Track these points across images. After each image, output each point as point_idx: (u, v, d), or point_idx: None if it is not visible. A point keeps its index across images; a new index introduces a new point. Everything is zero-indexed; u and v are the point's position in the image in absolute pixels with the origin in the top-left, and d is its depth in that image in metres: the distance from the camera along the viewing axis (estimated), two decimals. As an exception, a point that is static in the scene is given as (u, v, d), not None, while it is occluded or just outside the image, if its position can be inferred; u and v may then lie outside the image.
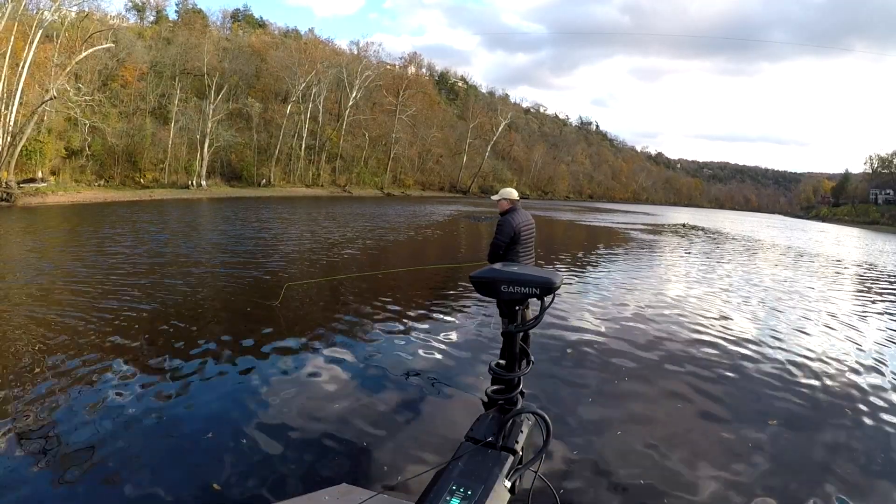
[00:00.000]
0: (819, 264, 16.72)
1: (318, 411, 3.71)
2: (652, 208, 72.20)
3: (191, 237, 14.16)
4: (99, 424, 3.35)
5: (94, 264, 8.87)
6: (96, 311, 5.94)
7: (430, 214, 27.61)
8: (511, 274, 1.73)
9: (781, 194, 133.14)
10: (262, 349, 4.97)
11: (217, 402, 3.80)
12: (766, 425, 3.87)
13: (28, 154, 25.92)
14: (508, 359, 1.88)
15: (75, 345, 4.77)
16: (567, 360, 5.07)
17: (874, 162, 75.47)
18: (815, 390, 4.71)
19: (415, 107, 57.60)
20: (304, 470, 2.98)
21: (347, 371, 4.52)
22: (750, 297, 9.31)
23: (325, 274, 9.14)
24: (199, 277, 8.32)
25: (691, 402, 4.29)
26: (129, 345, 4.89)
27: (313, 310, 6.68)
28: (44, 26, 25.39)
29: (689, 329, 6.53)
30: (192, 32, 42.84)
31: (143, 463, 2.95)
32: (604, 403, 4.14)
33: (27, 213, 19.23)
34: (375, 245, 13.76)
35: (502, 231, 4.32)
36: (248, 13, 63.09)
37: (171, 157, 35.29)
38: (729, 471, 3.19)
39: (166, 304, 6.52)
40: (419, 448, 3.28)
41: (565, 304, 7.40)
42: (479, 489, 1.27)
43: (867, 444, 3.69)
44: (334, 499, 1.31)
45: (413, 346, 5.29)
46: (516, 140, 79.15)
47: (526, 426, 1.64)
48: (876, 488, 3.13)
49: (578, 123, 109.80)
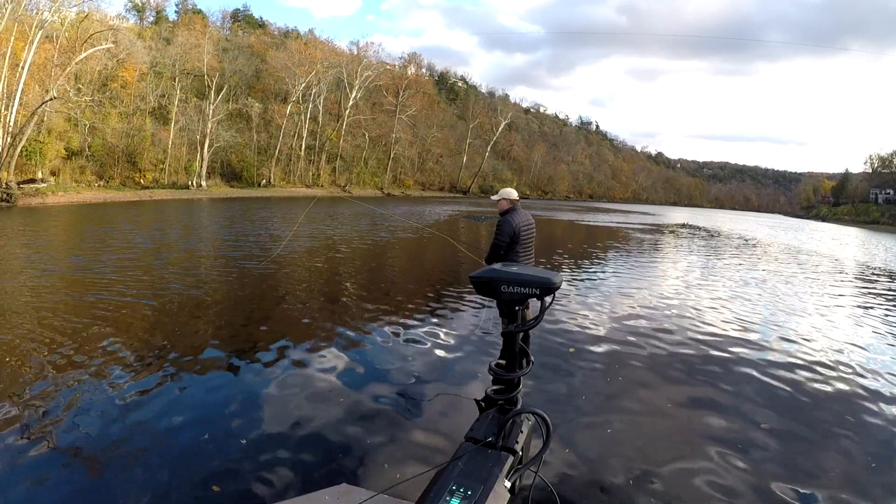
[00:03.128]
0: (818, 263, 16.72)
1: (318, 411, 3.71)
2: (652, 208, 72.20)
3: (190, 236, 14.16)
4: (96, 425, 3.34)
5: (95, 263, 8.87)
6: (96, 309, 5.94)
7: (430, 214, 27.61)
8: (511, 274, 1.73)
9: (781, 194, 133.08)
10: (261, 349, 4.97)
11: (216, 403, 3.80)
12: (765, 423, 3.86)
13: (28, 154, 25.93)
14: (508, 359, 1.88)
15: (73, 344, 4.77)
16: (567, 360, 5.07)
17: (874, 161, 75.56)
18: (814, 390, 4.70)
19: (415, 107, 57.59)
20: (304, 470, 2.97)
21: (347, 371, 4.52)
22: (749, 296, 9.30)
23: (325, 272, 9.14)
24: (199, 277, 8.31)
25: (691, 402, 4.28)
26: (128, 344, 4.89)
27: (313, 310, 6.67)
28: (43, 27, 25.40)
29: (688, 329, 6.53)
30: (191, 33, 42.81)
31: (141, 464, 2.95)
32: (604, 403, 4.13)
33: (27, 213, 19.22)
34: (375, 244, 13.77)
35: (502, 231, 4.31)
36: (247, 13, 63.08)
37: (171, 158, 35.32)
38: (728, 471, 3.19)
39: (166, 303, 6.52)
40: (419, 448, 3.28)
41: (565, 303, 7.40)
42: (479, 489, 1.27)
43: (864, 446, 3.68)
44: (334, 499, 1.31)
45: (413, 345, 5.29)
46: (516, 140, 79.16)
47: (526, 426, 1.64)
48: (872, 490, 3.12)
49: (578, 123, 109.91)
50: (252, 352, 4.91)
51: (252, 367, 4.52)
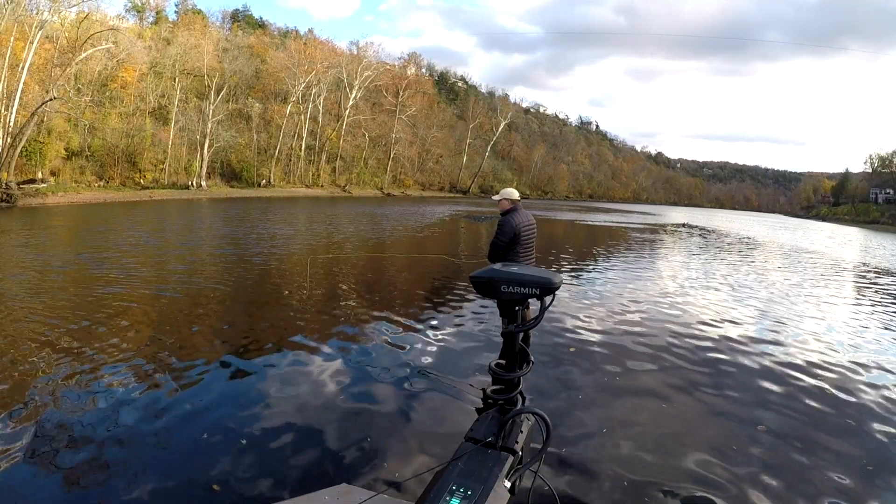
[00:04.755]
0: (818, 263, 16.71)
1: (318, 411, 3.71)
2: (652, 208, 72.20)
3: (191, 235, 14.16)
4: (96, 424, 3.34)
5: (95, 263, 8.87)
6: (95, 308, 5.93)
7: (430, 214, 27.61)
8: (511, 274, 1.73)
9: (781, 194, 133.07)
10: (261, 349, 4.97)
11: (215, 402, 3.79)
12: (763, 422, 3.87)
13: (28, 155, 25.94)
14: (508, 359, 1.88)
15: (73, 343, 4.77)
16: (567, 360, 5.07)
17: (874, 161, 75.48)
18: (812, 391, 4.70)
19: (415, 107, 57.62)
20: (304, 470, 2.97)
21: (347, 371, 4.52)
22: (748, 295, 9.30)
23: (325, 272, 9.14)
24: (199, 276, 8.30)
25: (689, 402, 4.28)
26: (127, 343, 4.88)
27: (313, 309, 6.67)
28: (43, 27, 25.40)
29: (687, 328, 6.53)
30: (191, 33, 42.80)
31: (141, 463, 2.94)
32: (604, 402, 4.13)
33: (28, 213, 19.22)
34: (378, 242, 13.76)
35: (503, 231, 4.37)
36: (247, 13, 63.11)
37: (171, 158, 35.31)
38: (728, 471, 3.19)
39: (166, 302, 6.52)
40: (419, 448, 3.28)
41: (565, 303, 7.40)
42: (479, 489, 1.27)
43: (861, 449, 3.68)
44: (334, 499, 1.31)
45: (413, 346, 5.29)
46: (516, 140, 79.22)
47: (526, 426, 1.63)
48: (867, 491, 3.12)
49: (578, 123, 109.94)
50: (252, 351, 4.91)
51: (252, 366, 4.52)
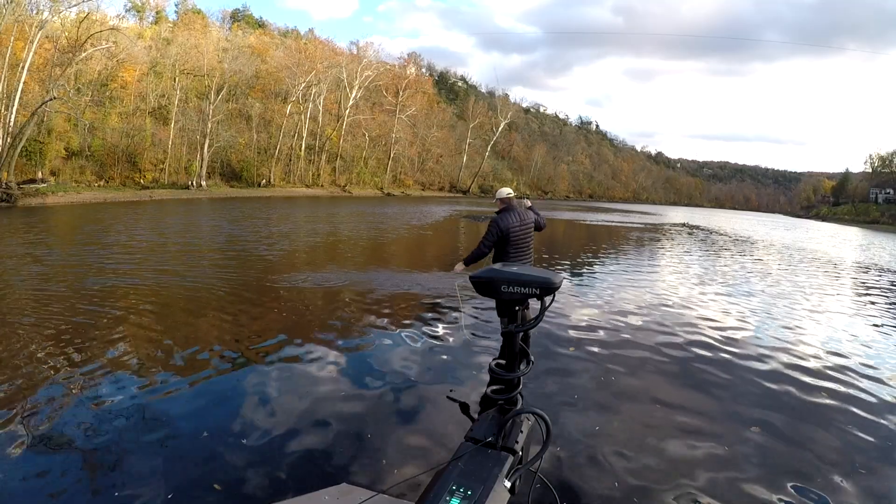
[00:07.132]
0: (818, 262, 16.71)
1: (318, 411, 3.71)
2: (652, 208, 72.20)
3: (191, 235, 14.16)
4: (95, 423, 3.34)
5: (95, 263, 8.87)
6: (95, 308, 5.94)
7: (430, 214, 27.60)
8: (511, 274, 1.73)
9: (781, 193, 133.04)
10: (261, 348, 4.97)
11: (216, 402, 3.80)
12: (763, 423, 3.87)
13: (28, 155, 25.94)
14: (508, 359, 1.88)
15: (72, 342, 4.77)
16: (567, 359, 5.07)
17: (874, 161, 75.52)
18: (810, 392, 4.71)
19: (414, 107, 57.58)
20: (304, 470, 2.98)
21: (346, 371, 4.52)
22: (747, 296, 9.30)
23: (326, 271, 9.13)
24: (199, 275, 8.30)
25: (690, 402, 4.28)
26: (127, 343, 4.89)
27: (312, 310, 6.67)
28: (43, 27, 25.40)
29: (686, 329, 6.53)
30: (191, 33, 42.79)
31: (141, 462, 2.95)
32: (604, 402, 4.14)
33: (28, 213, 19.22)
34: (376, 241, 13.76)
35: (489, 233, 4.30)
36: (247, 13, 63.08)
37: (171, 158, 35.29)
38: (728, 471, 3.19)
39: (166, 301, 6.52)
40: (419, 448, 3.28)
41: (565, 302, 7.40)
42: (479, 489, 1.27)
43: (855, 451, 3.68)
44: (334, 499, 1.31)
45: (413, 345, 5.29)
46: (516, 140, 79.20)
47: (526, 426, 1.63)
48: (868, 491, 3.12)
49: (578, 123, 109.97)
50: (252, 351, 4.91)
51: (252, 365, 4.52)
